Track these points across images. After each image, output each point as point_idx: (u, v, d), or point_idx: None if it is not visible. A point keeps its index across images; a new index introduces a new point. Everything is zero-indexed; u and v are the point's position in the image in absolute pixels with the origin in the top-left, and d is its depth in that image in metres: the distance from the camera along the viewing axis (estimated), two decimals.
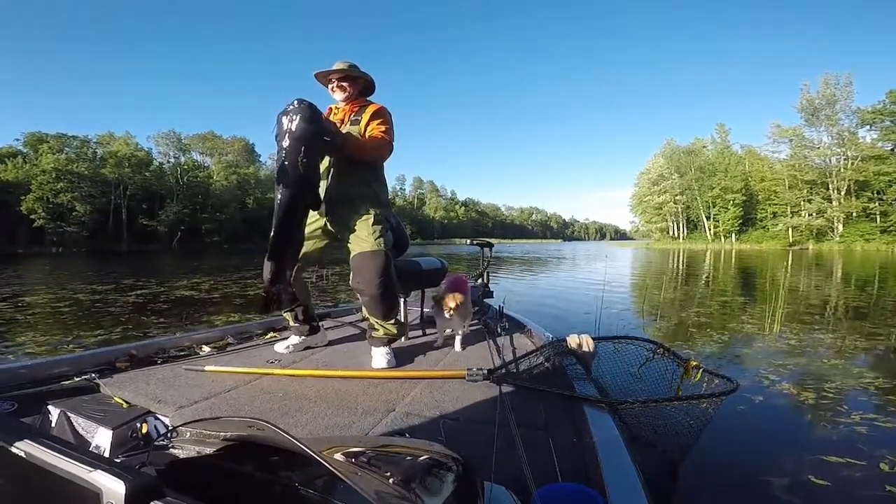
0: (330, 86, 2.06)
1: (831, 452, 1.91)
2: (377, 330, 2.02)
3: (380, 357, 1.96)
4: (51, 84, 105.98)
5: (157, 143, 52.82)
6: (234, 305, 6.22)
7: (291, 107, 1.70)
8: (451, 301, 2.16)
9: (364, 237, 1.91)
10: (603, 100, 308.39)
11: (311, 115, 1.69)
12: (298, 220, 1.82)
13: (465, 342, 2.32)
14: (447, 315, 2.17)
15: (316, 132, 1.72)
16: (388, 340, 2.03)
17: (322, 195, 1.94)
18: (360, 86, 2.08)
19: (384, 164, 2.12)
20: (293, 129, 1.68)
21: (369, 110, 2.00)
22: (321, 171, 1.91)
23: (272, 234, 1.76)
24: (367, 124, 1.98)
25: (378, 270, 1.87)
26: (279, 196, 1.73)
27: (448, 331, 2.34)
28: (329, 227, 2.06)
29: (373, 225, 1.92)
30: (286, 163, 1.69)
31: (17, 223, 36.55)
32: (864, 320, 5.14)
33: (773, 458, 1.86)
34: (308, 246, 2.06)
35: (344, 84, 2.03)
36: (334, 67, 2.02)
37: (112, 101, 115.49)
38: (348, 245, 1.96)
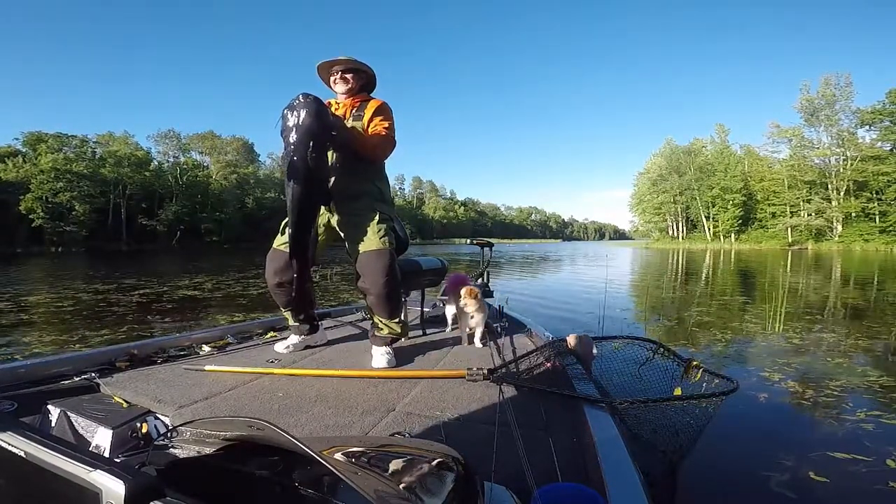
0: (332, 77, 2.03)
1: (837, 449, 1.91)
2: (381, 329, 2.01)
3: (380, 356, 1.96)
4: (50, 84, 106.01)
5: (156, 142, 52.93)
6: (237, 305, 6.22)
7: (297, 101, 1.66)
8: (469, 294, 2.20)
9: (370, 236, 1.90)
10: (603, 100, 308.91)
11: (318, 109, 1.66)
12: (313, 215, 1.82)
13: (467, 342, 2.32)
14: (469, 310, 2.21)
15: (324, 126, 1.69)
16: (391, 340, 2.02)
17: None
18: (362, 80, 2.05)
19: (385, 161, 2.10)
20: (300, 123, 1.64)
21: (372, 106, 1.98)
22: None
23: (290, 233, 1.77)
24: (371, 120, 1.95)
25: (384, 270, 1.87)
26: (291, 193, 1.71)
27: (468, 329, 2.34)
28: (332, 223, 2.06)
29: (378, 223, 1.91)
30: (295, 158, 1.66)
31: (16, 223, 36.52)
32: (865, 319, 5.15)
33: (775, 457, 1.86)
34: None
35: (347, 76, 2.00)
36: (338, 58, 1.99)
37: (111, 101, 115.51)
38: (354, 244, 1.94)
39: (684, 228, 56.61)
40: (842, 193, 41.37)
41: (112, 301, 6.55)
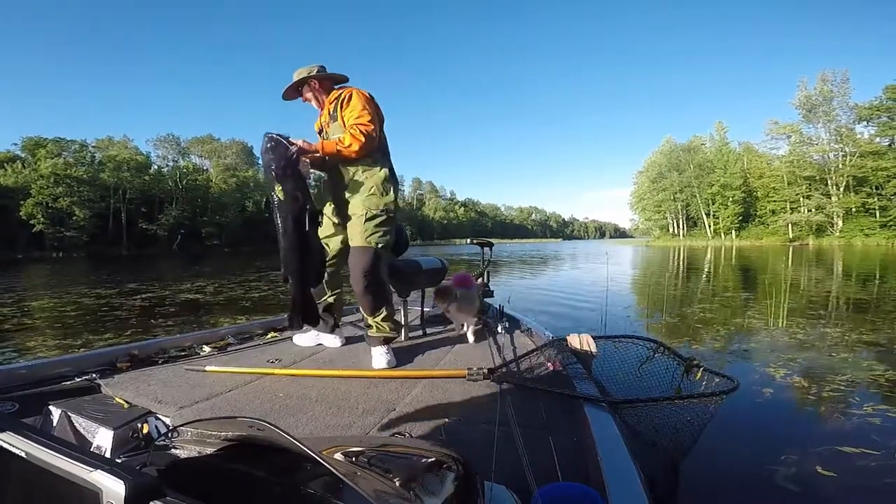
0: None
1: (844, 444, 1.91)
2: (371, 328, 2.03)
3: (379, 357, 1.96)
4: (48, 87, 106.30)
5: (155, 146, 52.90)
6: (240, 308, 6.24)
7: (262, 143, 1.77)
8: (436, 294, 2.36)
9: (357, 233, 1.95)
10: (602, 99, 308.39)
11: (273, 145, 1.74)
12: (300, 240, 1.82)
13: (466, 341, 2.32)
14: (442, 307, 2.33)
15: (279, 160, 1.74)
16: (385, 340, 2.03)
17: (332, 196, 2.05)
18: (316, 84, 2.07)
19: (384, 147, 2.07)
20: (264, 163, 1.77)
21: (340, 101, 1.98)
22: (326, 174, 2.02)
23: (281, 258, 1.81)
24: (343, 117, 1.96)
25: (362, 266, 1.91)
26: (275, 227, 1.79)
27: (462, 327, 2.45)
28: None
29: (365, 222, 1.94)
30: (271, 193, 1.77)
31: (16, 228, 36.56)
32: (868, 314, 5.14)
33: (781, 453, 1.85)
34: (344, 242, 2.11)
35: (302, 93, 2.10)
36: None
37: (110, 104, 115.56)
38: (349, 240, 2.02)
39: (685, 226, 56.55)
40: (841, 189, 41.26)
41: (114, 305, 6.56)
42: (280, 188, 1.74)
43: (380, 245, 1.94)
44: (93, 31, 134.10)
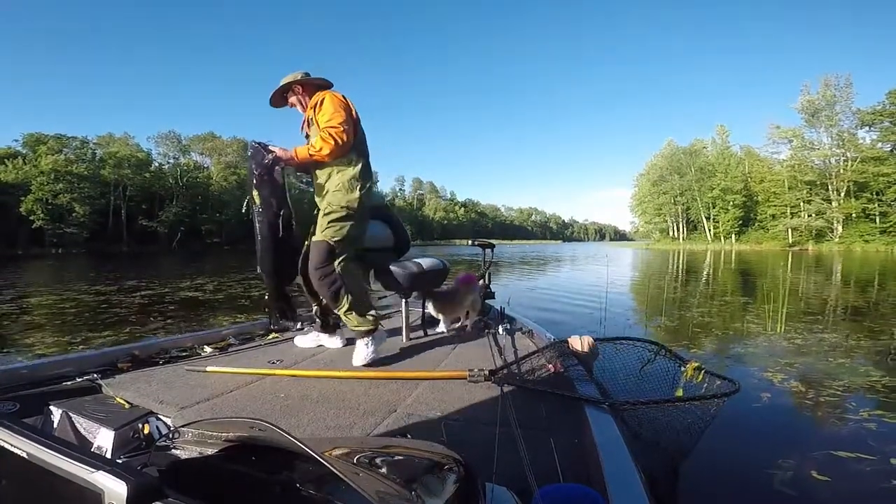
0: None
1: (840, 448, 1.91)
2: (348, 321, 2.01)
3: (358, 351, 1.98)
4: (48, 85, 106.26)
5: (156, 143, 52.88)
6: (239, 307, 6.23)
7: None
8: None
9: (317, 229, 1.99)
10: (603, 99, 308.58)
11: (252, 153, 1.89)
12: (273, 242, 1.93)
13: (467, 342, 2.32)
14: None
15: (257, 167, 1.85)
16: (365, 332, 1.99)
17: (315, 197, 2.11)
18: (299, 89, 2.12)
19: (360, 145, 2.07)
20: (248, 169, 1.90)
21: (315, 106, 2.01)
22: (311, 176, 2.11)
23: (258, 256, 1.93)
24: (317, 121, 1.99)
25: (314, 261, 1.96)
26: (254, 226, 1.91)
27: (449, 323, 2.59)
28: None
29: (322, 217, 1.98)
30: (249, 197, 1.89)
31: (16, 225, 36.55)
32: (866, 320, 5.14)
33: (778, 457, 1.85)
34: None
35: (287, 99, 2.16)
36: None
37: (111, 102, 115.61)
38: None
39: (685, 229, 56.59)
40: (842, 194, 41.26)
41: (114, 302, 6.55)
42: (257, 193, 1.84)
43: (334, 239, 1.96)
44: (93, 30, 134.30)
